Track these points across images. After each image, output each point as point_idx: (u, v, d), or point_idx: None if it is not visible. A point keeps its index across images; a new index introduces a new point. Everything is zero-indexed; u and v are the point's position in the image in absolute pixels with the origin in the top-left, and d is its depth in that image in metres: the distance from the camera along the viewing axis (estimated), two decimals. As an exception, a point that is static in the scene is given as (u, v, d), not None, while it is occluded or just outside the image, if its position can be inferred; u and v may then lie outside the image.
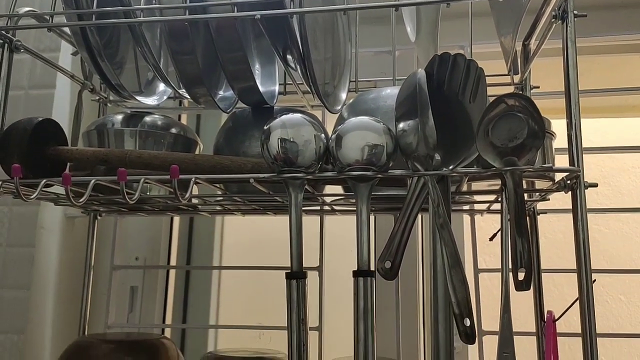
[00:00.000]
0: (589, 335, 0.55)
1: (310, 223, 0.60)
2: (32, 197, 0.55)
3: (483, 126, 0.48)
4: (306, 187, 0.58)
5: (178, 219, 1.06)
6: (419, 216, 0.91)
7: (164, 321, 0.99)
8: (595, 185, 0.55)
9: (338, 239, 0.92)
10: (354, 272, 0.53)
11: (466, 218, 0.86)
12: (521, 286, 0.57)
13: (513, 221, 0.51)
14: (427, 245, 0.89)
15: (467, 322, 0.49)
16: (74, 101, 0.82)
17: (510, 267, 0.54)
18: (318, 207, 0.84)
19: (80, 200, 0.55)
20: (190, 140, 0.77)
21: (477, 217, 0.84)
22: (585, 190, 0.54)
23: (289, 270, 0.55)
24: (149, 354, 0.70)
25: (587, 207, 0.54)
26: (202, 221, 1.09)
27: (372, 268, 0.54)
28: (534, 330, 0.77)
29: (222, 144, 0.75)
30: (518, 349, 0.63)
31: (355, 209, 0.55)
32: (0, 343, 0.89)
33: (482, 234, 0.85)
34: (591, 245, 0.58)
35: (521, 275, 0.57)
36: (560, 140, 0.67)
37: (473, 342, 0.49)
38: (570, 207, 0.55)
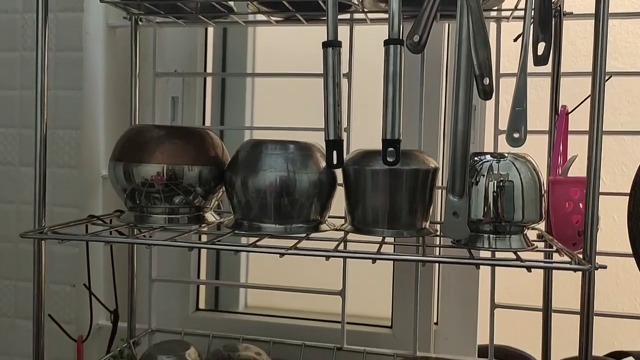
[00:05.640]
0: (596, 129, 0.60)
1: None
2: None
3: None
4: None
5: (212, 34, 1.10)
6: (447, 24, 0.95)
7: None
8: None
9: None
10: (385, 41, 0.58)
11: (492, 27, 0.88)
12: (539, 61, 0.62)
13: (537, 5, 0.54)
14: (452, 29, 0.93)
15: (487, 81, 0.55)
16: None
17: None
18: (348, 16, 0.88)
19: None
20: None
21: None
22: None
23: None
24: (197, 139, 0.78)
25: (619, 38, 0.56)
26: (235, 35, 1.13)
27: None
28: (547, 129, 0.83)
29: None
30: (529, 147, 0.68)
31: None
32: (60, 138, 0.99)
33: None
34: (615, 85, 0.60)
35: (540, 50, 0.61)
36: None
37: (490, 98, 0.55)
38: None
